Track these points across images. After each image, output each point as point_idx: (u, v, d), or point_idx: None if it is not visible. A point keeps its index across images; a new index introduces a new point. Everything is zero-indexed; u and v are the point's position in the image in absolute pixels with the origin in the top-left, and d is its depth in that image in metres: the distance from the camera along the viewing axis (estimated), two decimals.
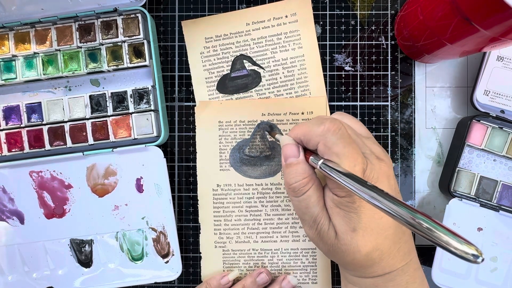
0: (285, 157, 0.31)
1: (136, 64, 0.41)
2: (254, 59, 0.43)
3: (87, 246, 0.42)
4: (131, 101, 0.41)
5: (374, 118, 0.43)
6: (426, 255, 0.43)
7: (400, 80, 0.43)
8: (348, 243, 0.29)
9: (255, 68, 0.43)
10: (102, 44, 0.41)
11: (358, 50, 0.43)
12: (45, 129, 0.41)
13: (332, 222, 0.30)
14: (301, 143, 0.32)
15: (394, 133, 0.43)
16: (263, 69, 0.43)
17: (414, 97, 0.43)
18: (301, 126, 0.31)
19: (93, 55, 0.41)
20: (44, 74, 0.41)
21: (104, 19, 0.41)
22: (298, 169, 0.31)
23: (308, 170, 0.31)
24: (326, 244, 0.31)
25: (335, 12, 0.43)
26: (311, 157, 0.30)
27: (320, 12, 0.43)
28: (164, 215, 0.42)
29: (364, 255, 0.29)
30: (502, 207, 0.40)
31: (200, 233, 0.43)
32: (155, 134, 0.41)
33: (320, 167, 0.28)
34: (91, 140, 0.41)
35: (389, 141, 0.43)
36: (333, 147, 0.28)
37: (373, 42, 0.43)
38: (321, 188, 0.31)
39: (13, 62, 0.42)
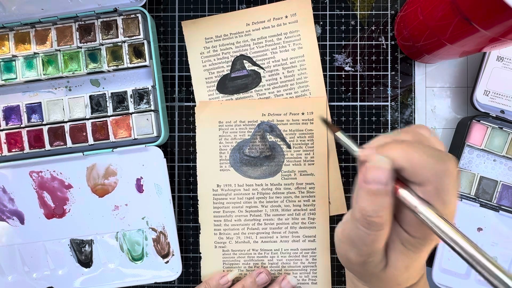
0: (372, 181, 0.24)
1: (136, 64, 0.41)
2: (254, 59, 0.43)
3: (87, 246, 0.42)
4: (131, 101, 0.41)
5: (374, 118, 0.43)
6: None
7: (400, 80, 0.43)
8: (395, 277, 0.27)
9: (255, 68, 0.43)
10: (102, 44, 0.41)
11: (358, 50, 0.43)
12: (45, 129, 0.41)
13: (388, 256, 0.27)
14: (396, 170, 0.25)
15: None
16: (263, 69, 0.43)
17: (414, 97, 0.43)
18: (407, 150, 0.24)
19: (93, 55, 0.41)
20: (44, 74, 0.41)
21: (104, 19, 0.41)
22: (384, 202, 0.24)
23: (391, 203, 0.25)
24: (366, 270, 0.27)
25: (335, 12, 0.43)
26: (405, 192, 0.24)
27: (320, 12, 0.43)
28: (164, 215, 0.42)
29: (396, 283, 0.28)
30: (502, 207, 0.40)
31: (200, 233, 0.43)
32: (155, 134, 0.41)
33: (418, 213, 0.23)
34: (91, 140, 0.41)
35: None
36: (445, 194, 0.23)
37: (373, 42, 0.43)
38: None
39: (13, 62, 0.42)
